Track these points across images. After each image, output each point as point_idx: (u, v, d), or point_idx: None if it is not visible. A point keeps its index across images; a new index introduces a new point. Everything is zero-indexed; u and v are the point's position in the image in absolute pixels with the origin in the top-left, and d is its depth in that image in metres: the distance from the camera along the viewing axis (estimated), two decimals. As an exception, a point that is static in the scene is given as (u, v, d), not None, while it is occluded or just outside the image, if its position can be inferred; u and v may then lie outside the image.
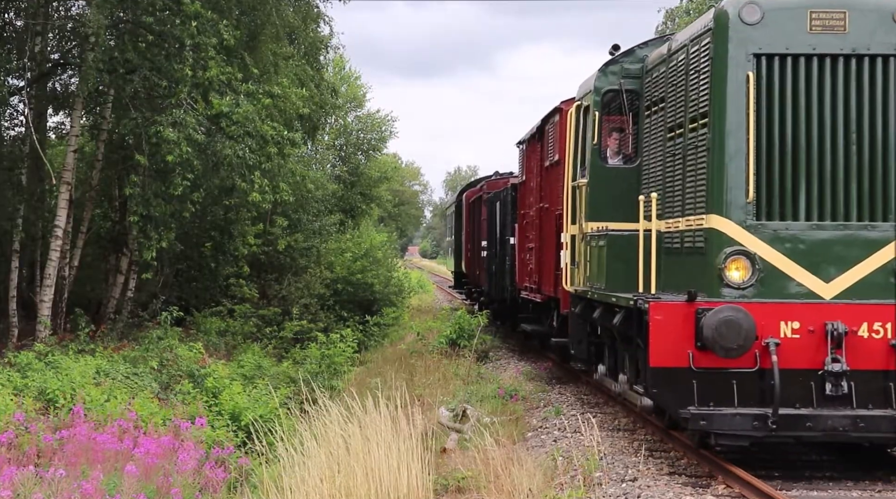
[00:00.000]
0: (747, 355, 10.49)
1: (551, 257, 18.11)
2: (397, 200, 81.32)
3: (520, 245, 22.66)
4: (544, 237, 19.29)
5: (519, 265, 22.72)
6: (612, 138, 14.25)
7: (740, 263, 10.97)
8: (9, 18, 23.62)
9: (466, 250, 37.10)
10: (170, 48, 20.33)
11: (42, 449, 10.51)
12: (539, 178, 20.13)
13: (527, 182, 22.03)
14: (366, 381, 16.94)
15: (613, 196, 13.82)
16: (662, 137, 12.82)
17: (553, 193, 18.31)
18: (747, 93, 10.98)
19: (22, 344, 19.99)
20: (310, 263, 31.24)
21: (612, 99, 14.15)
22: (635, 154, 13.93)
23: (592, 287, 13.96)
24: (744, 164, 10.96)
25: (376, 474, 9.33)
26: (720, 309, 10.43)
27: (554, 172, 18.29)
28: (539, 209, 19.99)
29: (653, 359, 10.68)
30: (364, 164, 53.83)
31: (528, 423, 14.86)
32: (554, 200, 18.09)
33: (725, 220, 11.05)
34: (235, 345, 23.60)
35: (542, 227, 19.56)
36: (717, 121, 11.16)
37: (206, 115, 20.66)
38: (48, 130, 25.92)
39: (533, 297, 20.51)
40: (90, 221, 23.81)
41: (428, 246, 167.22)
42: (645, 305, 10.89)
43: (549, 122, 19.62)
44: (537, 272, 19.95)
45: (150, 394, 15.55)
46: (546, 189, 19.39)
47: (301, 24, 28.09)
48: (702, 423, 10.51)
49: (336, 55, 40.55)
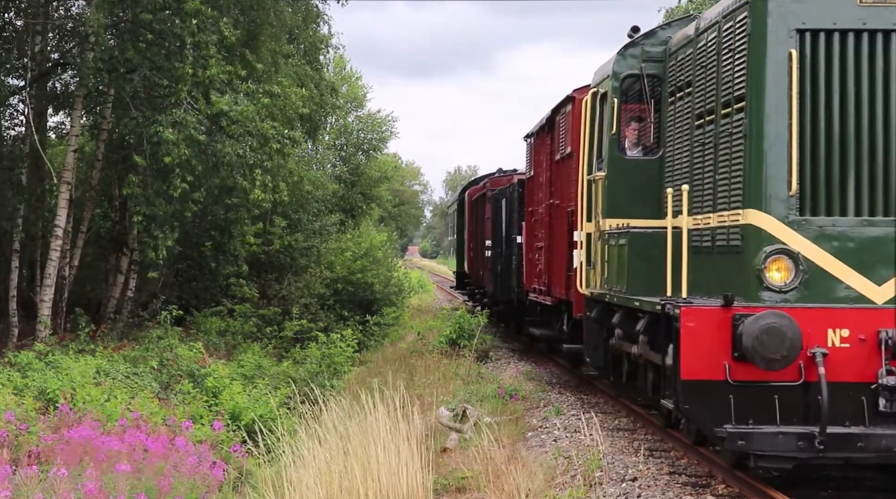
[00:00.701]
0: (791, 367, 9.45)
1: (563, 257, 17.19)
2: (397, 200, 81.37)
3: (527, 244, 21.63)
4: (555, 236, 18.32)
5: (526, 266, 21.62)
6: (631, 128, 13.28)
7: (782, 264, 9.95)
8: (9, 18, 23.63)
9: (469, 250, 36.19)
10: (170, 46, 20.33)
11: (42, 449, 10.51)
12: (549, 172, 19.10)
13: (535, 177, 20.97)
14: (366, 381, 16.93)
15: (634, 190, 12.88)
16: (690, 124, 11.79)
17: (565, 188, 17.36)
18: (789, 73, 9.91)
19: (22, 344, 19.99)
20: (310, 262, 31.26)
21: (632, 85, 13.15)
22: (657, 145, 12.89)
23: (611, 290, 12.93)
24: (785, 152, 9.91)
25: (375, 473, 9.32)
26: (761, 315, 9.40)
27: (566, 165, 17.38)
28: (549, 206, 18.95)
29: (684, 370, 9.65)
30: (364, 164, 53.86)
31: (528, 423, 14.85)
32: (566, 195, 17.19)
33: (765, 215, 10.00)
34: (235, 345, 23.61)
35: (553, 225, 18.54)
36: (754, 104, 10.12)
37: (206, 115, 20.65)
38: (48, 129, 25.94)
39: (542, 299, 19.54)
40: (90, 221, 23.82)
41: (428, 246, 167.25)
42: (675, 310, 9.84)
43: (559, 112, 18.55)
44: (547, 273, 18.94)
45: (150, 394, 15.55)
46: (557, 184, 18.31)
47: (300, 24, 28.12)
48: (740, 443, 9.47)
49: (337, 55, 40.60)
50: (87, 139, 24.97)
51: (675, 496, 10.24)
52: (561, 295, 17.58)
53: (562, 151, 17.89)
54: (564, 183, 17.35)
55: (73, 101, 22.56)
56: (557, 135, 18.49)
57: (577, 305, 15.67)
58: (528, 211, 21.81)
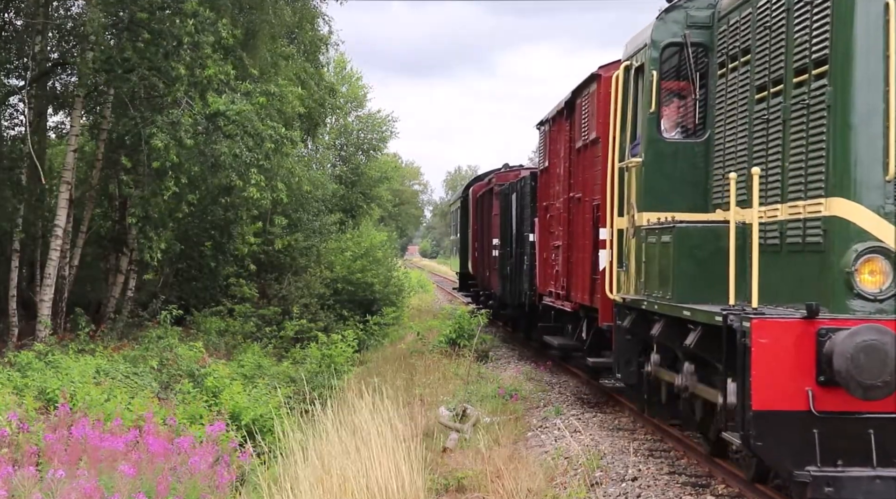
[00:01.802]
0: (893, 396, 7.72)
1: (586, 258, 15.56)
2: (397, 200, 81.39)
3: (541, 243, 19.90)
4: (576, 233, 16.67)
5: (540, 267, 19.89)
6: (670, 107, 11.64)
7: (876, 265, 8.18)
8: (9, 18, 23.63)
9: (474, 250, 34.32)
10: (167, 46, 20.33)
11: (42, 449, 10.50)
12: (567, 162, 17.36)
13: (551, 169, 19.15)
14: (366, 380, 16.93)
15: (675, 179, 11.24)
16: (748, 98, 10.04)
17: (588, 179, 15.68)
18: (885, 29, 8.17)
19: (22, 343, 19.99)
20: (310, 262, 31.26)
21: (672, 56, 11.49)
22: (702, 125, 11.22)
23: (650, 295, 11.13)
24: (880, 127, 8.17)
25: (371, 474, 9.31)
26: (857, 330, 7.68)
27: (589, 154, 15.70)
28: (568, 200, 17.26)
29: (756, 399, 7.93)
30: (364, 163, 53.90)
31: (528, 422, 14.84)
32: (589, 187, 15.55)
33: (854, 204, 8.24)
34: (235, 345, 23.61)
35: (573, 221, 16.88)
36: (840, 69, 8.34)
37: (203, 115, 20.66)
38: (48, 129, 25.95)
39: (559, 305, 17.83)
40: (90, 221, 23.83)
41: (428, 246, 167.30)
42: (743, 322, 8.09)
43: (581, 94, 16.63)
44: (565, 275, 17.17)
45: (150, 394, 15.55)
46: (578, 175, 16.59)
47: (300, 23, 28.12)
48: (827, 489, 7.82)
49: (337, 55, 40.61)
50: (87, 139, 24.97)
51: (675, 496, 10.22)
52: (583, 300, 15.90)
53: (584, 138, 16.17)
54: (588, 173, 15.76)
55: (72, 101, 22.56)
56: (579, 120, 16.76)
57: (603, 313, 14.10)
58: (541, 206, 20.13)
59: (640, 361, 12.11)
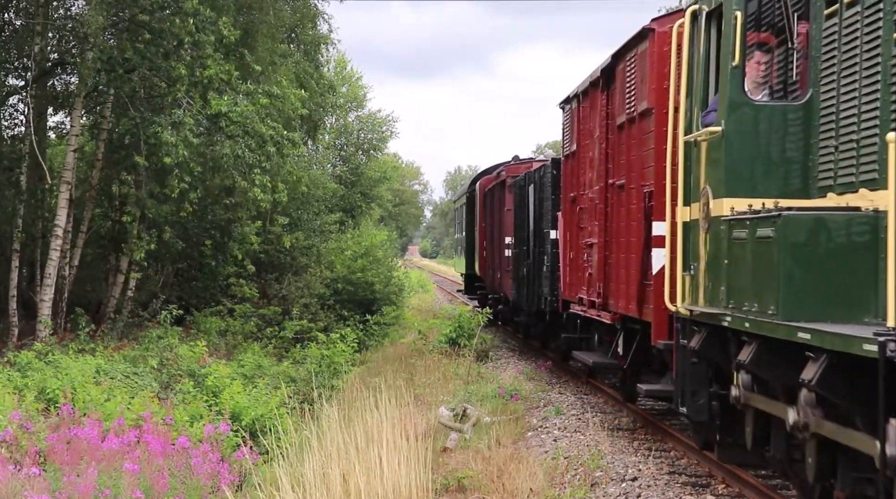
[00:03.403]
0: None
1: (632, 259, 13.00)
2: (397, 200, 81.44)
3: (566, 241, 17.45)
4: (616, 229, 14.14)
5: (565, 269, 17.36)
6: (753, 62, 9.14)
7: None
8: (9, 18, 23.63)
9: (482, 249, 31.73)
10: (168, 46, 20.33)
11: (43, 449, 10.51)
12: (604, 143, 14.74)
13: (580, 153, 16.50)
14: (366, 380, 16.95)
15: (766, 154, 8.71)
16: (881, 40, 7.51)
17: (635, 161, 13.14)
18: None
19: (22, 343, 19.98)
20: (310, 262, 31.24)
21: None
22: (802, 84, 8.71)
23: (737, 309, 8.46)
24: None
25: (377, 473, 9.32)
26: None
27: (636, 130, 13.09)
28: (605, 188, 14.68)
29: None
30: (364, 163, 53.89)
31: (528, 422, 14.85)
32: (637, 171, 13.01)
33: None
34: (235, 344, 23.60)
35: (613, 214, 14.33)
36: None
37: (205, 115, 20.66)
38: (48, 129, 25.94)
39: (594, 315, 15.22)
40: (90, 221, 23.83)
41: (428, 246, 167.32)
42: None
43: (626, 57, 13.73)
44: (601, 280, 14.67)
45: (150, 393, 15.55)
46: (620, 158, 13.98)
47: (299, 23, 28.13)
48: None
49: (338, 55, 40.60)
50: (87, 139, 24.98)
51: (675, 496, 10.23)
52: (626, 310, 13.27)
53: (630, 111, 13.38)
54: (635, 154, 13.14)
55: (72, 101, 22.56)
56: (621, 89, 13.96)
57: (657, 328, 11.73)
58: (566, 198, 17.56)
59: (711, 392, 9.75)
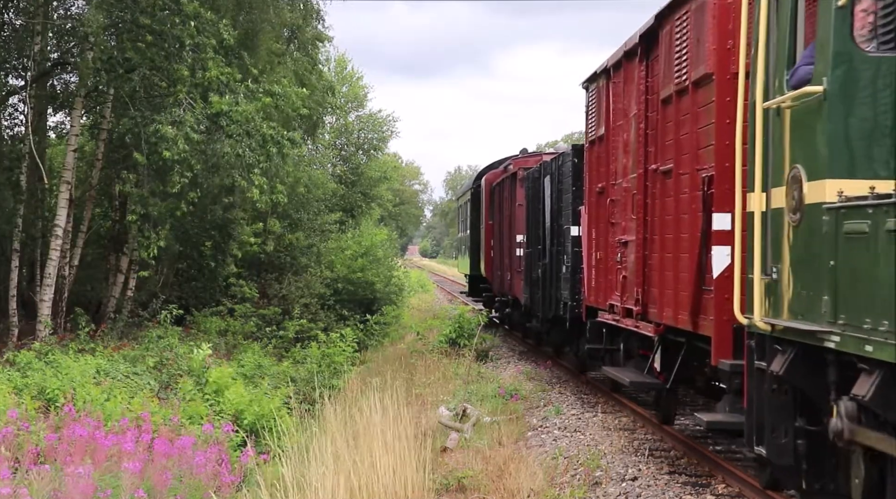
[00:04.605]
0: None
1: (684, 259, 10.99)
2: (397, 200, 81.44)
3: (592, 239, 15.41)
4: (660, 223, 12.01)
5: (590, 270, 15.41)
6: (860, 9, 7.02)
7: None
8: (8, 18, 23.63)
9: (488, 248, 29.77)
10: (169, 48, 20.34)
11: (43, 449, 10.51)
12: (643, 123, 12.60)
13: (610, 137, 14.46)
14: (366, 380, 16.96)
15: (883, 122, 6.77)
16: None
17: (687, 141, 11.00)
18: None
19: (22, 343, 19.98)
20: (310, 262, 31.25)
21: None
22: None
23: (851, 326, 6.52)
24: None
25: (378, 472, 9.33)
26: None
27: (689, 102, 10.91)
28: (645, 176, 12.54)
29: None
30: (364, 163, 53.90)
31: (528, 422, 14.85)
32: (690, 153, 10.88)
33: None
34: (235, 344, 23.61)
35: (656, 205, 12.19)
36: None
37: (205, 115, 20.67)
38: (48, 129, 25.95)
39: (630, 325, 13.14)
40: (90, 221, 23.84)
41: (428, 246, 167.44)
42: None
43: (673, 17, 11.53)
44: (639, 284, 12.63)
45: (150, 393, 15.55)
46: (666, 137, 11.84)
47: (300, 23, 28.13)
48: None
49: (338, 55, 40.61)
50: (87, 139, 24.98)
51: (675, 496, 10.23)
52: (675, 321, 11.25)
53: (680, 80, 11.19)
54: (687, 132, 11.06)
55: (72, 101, 22.56)
56: (667, 56, 11.73)
57: (720, 344, 9.83)
58: (592, 190, 15.54)
59: (797, 428, 7.73)
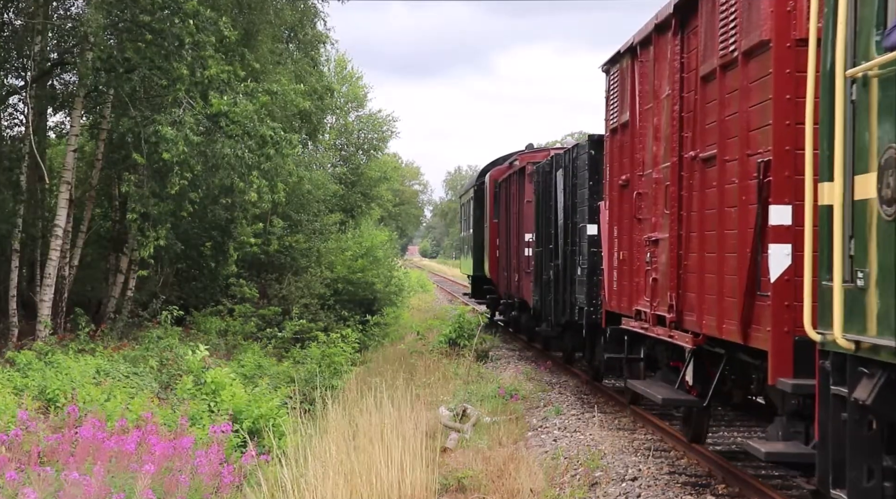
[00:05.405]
0: None
1: (733, 259, 9.51)
2: (397, 200, 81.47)
3: (614, 237, 14.07)
4: (699, 218, 10.61)
5: (611, 272, 14.12)
6: None
7: None
8: (8, 18, 23.64)
9: (493, 248, 28.65)
10: (169, 46, 20.34)
11: (44, 449, 10.51)
12: (677, 105, 11.19)
13: (636, 124, 13.01)
14: (367, 380, 16.97)
15: None
16: None
17: (735, 122, 9.55)
18: None
19: (22, 343, 19.98)
20: (310, 262, 31.26)
21: None
22: None
23: None
24: None
25: (379, 473, 9.33)
26: None
27: (738, 76, 9.46)
28: (680, 164, 11.14)
29: None
30: (364, 163, 53.91)
31: (528, 422, 14.85)
32: (739, 135, 9.39)
33: None
34: (235, 344, 23.61)
35: (693, 197, 10.82)
36: None
37: (205, 115, 20.67)
38: (48, 129, 25.95)
39: (662, 334, 11.70)
40: (90, 221, 23.84)
41: (428, 246, 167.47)
42: None
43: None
44: (672, 288, 11.24)
45: (150, 393, 15.55)
46: (707, 119, 10.43)
47: (299, 23, 28.15)
48: None
49: (339, 55, 40.60)
50: (87, 139, 24.98)
51: (675, 496, 10.23)
52: (720, 332, 9.83)
53: (726, 52, 9.76)
54: (734, 112, 9.61)
55: (72, 101, 22.56)
56: (709, 26, 10.36)
57: (778, 362, 8.43)
58: (613, 183, 14.20)
59: (886, 468, 6.35)
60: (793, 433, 8.57)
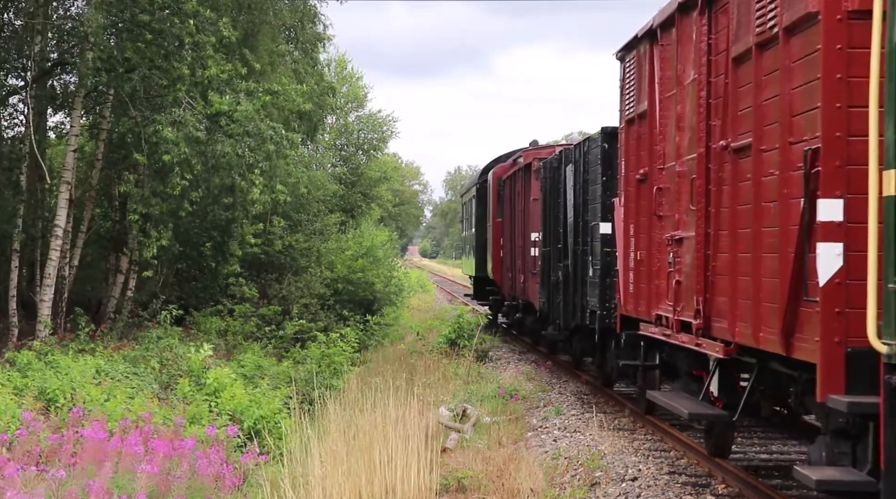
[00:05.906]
0: None
1: (772, 260, 8.53)
2: (397, 200, 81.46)
3: (630, 236, 13.19)
4: (731, 214, 9.67)
5: (627, 273, 13.21)
6: None
7: None
8: (8, 18, 23.64)
9: (497, 248, 27.84)
10: (169, 46, 20.34)
11: (44, 449, 10.51)
12: (704, 91, 10.24)
13: (655, 113, 12.05)
14: (367, 380, 16.97)
15: None
16: None
17: (776, 106, 8.54)
18: None
19: (22, 343, 19.97)
20: (310, 262, 31.26)
21: None
22: None
23: None
24: None
25: (377, 473, 9.33)
26: None
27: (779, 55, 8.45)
28: (707, 155, 10.19)
29: None
30: (364, 164, 53.91)
31: (528, 422, 14.85)
32: (782, 121, 8.40)
33: None
34: (235, 344, 23.61)
35: (724, 191, 9.88)
36: None
37: (205, 114, 20.68)
38: (48, 129, 25.95)
39: (688, 342, 10.71)
40: (90, 221, 23.83)
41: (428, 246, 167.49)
42: None
43: None
44: (699, 291, 10.30)
45: (150, 394, 15.55)
46: (741, 104, 9.45)
47: (298, 23, 28.16)
48: None
49: (339, 56, 40.59)
50: (87, 139, 24.98)
51: (675, 496, 10.23)
52: (756, 340, 8.89)
53: (764, 29, 8.79)
54: (775, 95, 8.61)
55: (72, 101, 22.55)
56: (743, 2, 9.37)
57: (829, 374, 7.49)
58: (629, 178, 13.26)
59: None
60: (838, 455, 7.70)
